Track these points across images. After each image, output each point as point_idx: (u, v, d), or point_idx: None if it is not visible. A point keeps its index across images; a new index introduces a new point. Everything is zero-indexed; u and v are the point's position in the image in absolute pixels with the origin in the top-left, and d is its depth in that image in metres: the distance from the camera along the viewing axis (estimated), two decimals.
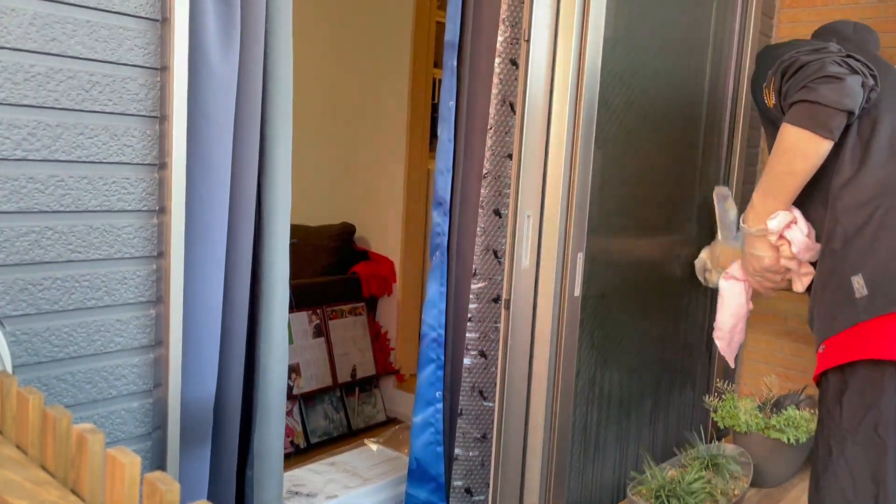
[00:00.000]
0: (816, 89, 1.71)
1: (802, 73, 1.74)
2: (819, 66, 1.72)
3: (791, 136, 1.78)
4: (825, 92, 1.70)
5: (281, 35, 1.61)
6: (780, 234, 1.92)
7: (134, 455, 0.80)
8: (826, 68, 1.71)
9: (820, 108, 1.71)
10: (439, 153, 2.15)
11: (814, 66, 1.73)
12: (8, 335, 1.28)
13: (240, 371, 1.66)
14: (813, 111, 1.73)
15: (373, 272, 3.65)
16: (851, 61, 1.74)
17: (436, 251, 2.19)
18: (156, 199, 1.44)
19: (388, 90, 3.68)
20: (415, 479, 2.25)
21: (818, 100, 1.71)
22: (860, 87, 1.72)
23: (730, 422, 2.74)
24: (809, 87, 1.72)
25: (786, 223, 1.90)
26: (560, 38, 2.05)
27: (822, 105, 1.71)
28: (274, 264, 1.67)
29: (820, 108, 1.71)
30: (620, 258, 2.44)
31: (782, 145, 1.81)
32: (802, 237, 1.90)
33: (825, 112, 1.71)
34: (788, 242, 1.92)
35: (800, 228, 1.91)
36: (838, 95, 1.70)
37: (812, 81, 1.72)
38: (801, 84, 1.74)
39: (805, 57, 1.76)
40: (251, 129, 1.59)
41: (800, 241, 1.91)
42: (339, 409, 3.43)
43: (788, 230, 1.91)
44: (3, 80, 1.24)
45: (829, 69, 1.70)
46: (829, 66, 1.71)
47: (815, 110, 1.72)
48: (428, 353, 2.20)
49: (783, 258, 1.96)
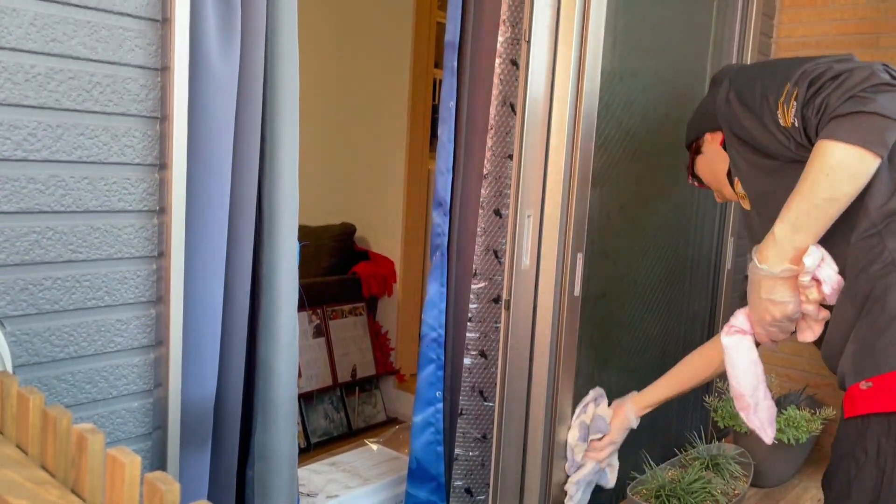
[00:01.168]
0: (873, 99, 1.44)
1: (849, 82, 1.47)
2: (869, 72, 1.46)
3: (837, 155, 1.47)
4: (883, 102, 1.43)
5: (285, 35, 1.61)
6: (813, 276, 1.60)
7: (134, 455, 0.80)
8: (878, 75, 1.46)
9: (878, 119, 1.44)
10: (439, 153, 2.15)
11: (860, 73, 1.47)
12: (8, 335, 1.28)
13: (240, 371, 1.66)
14: (869, 124, 1.45)
15: (373, 272, 3.65)
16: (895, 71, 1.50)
17: (436, 251, 2.19)
18: (156, 199, 1.44)
19: (389, 90, 3.68)
20: (415, 479, 2.25)
21: (876, 110, 1.43)
22: None
23: (730, 422, 2.74)
24: (861, 96, 1.45)
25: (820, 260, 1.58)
26: (560, 38, 2.05)
27: (881, 116, 1.44)
28: (279, 265, 1.66)
29: (878, 120, 1.44)
30: (620, 258, 2.44)
31: (824, 167, 1.49)
32: (836, 276, 1.59)
33: (883, 123, 1.45)
34: (819, 283, 1.60)
35: (831, 266, 1.59)
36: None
37: (864, 90, 1.45)
38: (848, 94, 1.46)
39: (838, 66, 1.50)
40: (252, 129, 1.59)
41: (834, 281, 1.59)
42: (340, 409, 3.43)
43: (819, 269, 1.59)
44: (4, 80, 1.24)
45: (881, 76, 1.45)
46: (880, 73, 1.46)
47: (872, 123, 1.45)
48: (428, 353, 2.20)
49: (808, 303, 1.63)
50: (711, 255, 2.93)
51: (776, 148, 1.62)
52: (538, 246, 2.10)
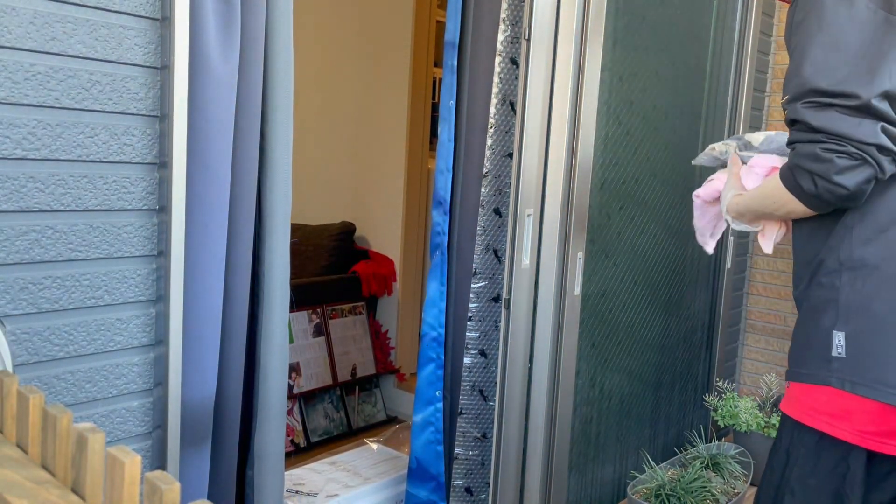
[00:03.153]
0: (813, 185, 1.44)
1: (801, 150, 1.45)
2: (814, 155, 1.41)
3: (779, 191, 1.53)
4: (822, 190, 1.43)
5: (281, 35, 1.61)
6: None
7: (134, 454, 0.80)
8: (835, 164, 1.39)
9: (811, 197, 1.46)
10: (439, 152, 2.15)
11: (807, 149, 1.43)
12: (8, 334, 1.28)
13: (240, 370, 1.66)
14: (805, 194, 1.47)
15: (373, 271, 3.65)
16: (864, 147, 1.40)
17: (436, 250, 2.19)
18: (156, 197, 1.44)
19: (388, 90, 3.68)
20: (415, 478, 2.25)
21: (811, 191, 1.44)
22: (866, 183, 1.42)
23: (730, 421, 2.75)
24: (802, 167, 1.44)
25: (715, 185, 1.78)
26: (560, 37, 2.05)
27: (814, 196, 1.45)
28: (274, 263, 1.67)
29: (811, 197, 1.46)
30: (620, 258, 2.44)
31: (769, 188, 1.58)
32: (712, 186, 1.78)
33: (818, 200, 1.46)
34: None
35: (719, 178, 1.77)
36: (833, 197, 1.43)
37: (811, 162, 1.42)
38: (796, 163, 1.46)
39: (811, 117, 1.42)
40: (251, 127, 1.59)
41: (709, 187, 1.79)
42: (340, 409, 3.43)
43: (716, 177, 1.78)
44: (4, 79, 1.24)
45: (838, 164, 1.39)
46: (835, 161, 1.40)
47: (808, 195, 1.46)
48: (428, 353, 2.20)
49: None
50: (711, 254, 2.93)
51: None
52: (538, 245, 2.10)
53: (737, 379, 3.35)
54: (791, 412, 1.60)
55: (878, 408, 1.46)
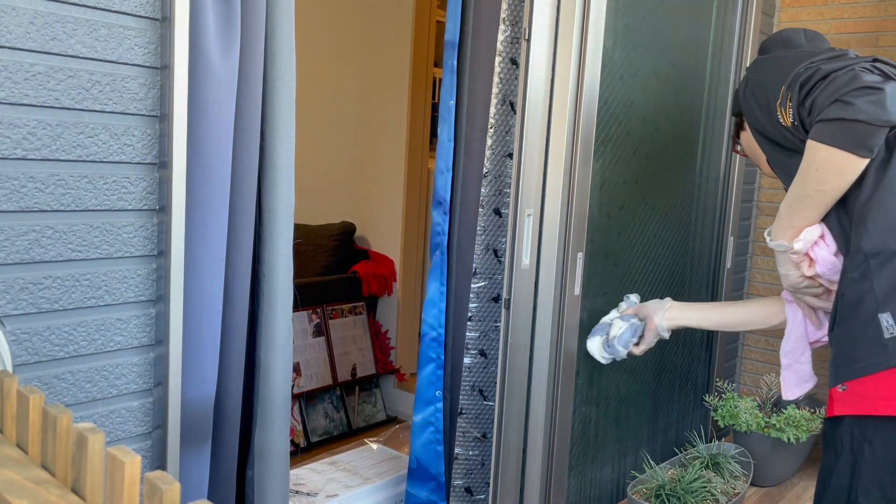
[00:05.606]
0: (853, 104, 1.47)
1: (833, 85, 1.51)
2: (851, 75, 1.48)
3: (823, 155, 1.55)
4: (864, 106, 1.46)
5: (283, 35, 1.61)
6: (805, 253, 1.74)
7: (134, 454, 0.80)
8: (860, 78, 1.47)
9: (859, 125, 1.48)
10: (439, 152, 2.15)
11: (844, 76, 1.49)
12: (8, 334, 1.28)
13: (240, 370, 1.66)
14: (850, 129, 1.49)
15: (373, 271, 3.65)
16: (881, 66, 1.52)
17: (436, 250, 2.19)
18: (156, 197, 1.44)
19: (388, 90, 3.68)
20: (415, 478, 2.25)
21: (857, 116, 1.47)
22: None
23: (730, 421, 2.75)
24: (843, 101, 1.48)
25: (812, 241, 1.72)
26: (560, 37, 2.05)
27: (862, 122, 1.47)
28: (276, 264, 1.66)
29: (859, 126, 1.48)
30: (620, 258, 2.44)
31: (814, 163, 1.58)
32: (829, 256, 1.72)
33: (865, 129, 1.48)
34: (811, 261, 1.74)
35: (827, 245, 1.72)
36: (879, 109, 1.46)
37: (847, 94, 1.48)
38: (832, 97, 1.50)
39: (827, 66, 1.54)
40: (251, 127, 1.59)
41: (826, 260, 1.72)
42: (340, 409, 3.43)
43: (816, 247, 1.73)
44: (4, 79, 1.24)
45: (864, 79, 1.47)
46: (862, 74, 1.48)
47: (854, 128, 1.49)
48: (428, 353, 2.20)
49: (802, 278, 1.78)
50: (711, 254, 2.93)
51: (787, 140, 1.70)
52: (538, 245, 2.10)
53: (737, 379, 3.35)
54: (853, 410, 1.58)
55: None
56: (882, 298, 1.54)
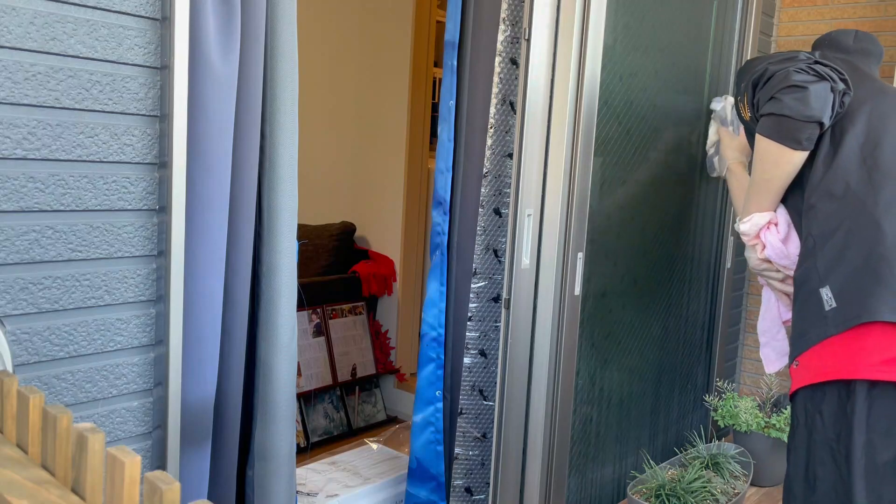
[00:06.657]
0: (781, 100, 1.69)
1: (770, 84, 1.72)
2: (784, 75, 1.69)
3: (763, 146, 1.78)
4: (790, 103, 1.68)
5: (284, 35, 1.60)
6: (756, 236, 1.93)
7: (134, 454, 0.80)
8: (790, 77, 1.68)
9: (785, 120, 1.70)
10: (439, 152, 2.15)
11: (779, 75, 1.70)
12: (8, 334, 1.28)
13: (240, 370, 1.66)
14: (779, 123, 1.71)
15: (373, 271, 3.65)
16: (819, 67, 1.69)
17: (436, 250, 2.19)
18: (156, 197, 1.44)
19: (388, 90, 3.68)
20: (415, 478, 2.25)
21: (783, 112, 1.69)
22: (829, 92, 1.68)
23: (730, 421, 2.75)
24: (775, 98, 1.70)
25: (761, 225, 1.91)
26: (560, 37, 2.05)
27: (787, 117, 1.69)
28: (278, 264, 1.66)
29: (785, 121, 1.70)
30: (620, 258, 2.44)
31: (757, 153, 1.82)
32: (777, 242, 1.89)
33: (791, 124, 1.69)
34: (763, 245, 1.93)
35: (777, 232, 1.90)
36: (802, 106, 1.67)
37: (778, 92, 1.69)
38: (768, 95, 1.72)
39: (773, 67, 1.74)
40: (252, 127, 1.59)
41: (773, 245, 1.90)
42: (340, 409, 3.43)
43: (767, 231, 1.91)
44: (4, 79, 1.24)
45: (793, 78, 1.68)
46: (793, 75, 1.68)
47: (781, 122, 1.71)
48: (428, 353, 2.20)
49: (758, 259, 1.97)
50: (711, 254, 2.93)
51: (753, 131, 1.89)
52: (538, 245, 2.10)
53: (737, 379, 3.35)
54: (803, 381, 1.70)
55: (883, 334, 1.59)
56: (823, 273, 1.69)
